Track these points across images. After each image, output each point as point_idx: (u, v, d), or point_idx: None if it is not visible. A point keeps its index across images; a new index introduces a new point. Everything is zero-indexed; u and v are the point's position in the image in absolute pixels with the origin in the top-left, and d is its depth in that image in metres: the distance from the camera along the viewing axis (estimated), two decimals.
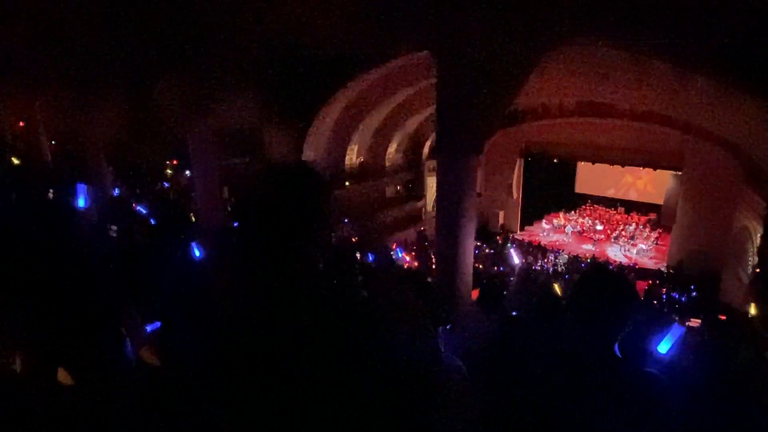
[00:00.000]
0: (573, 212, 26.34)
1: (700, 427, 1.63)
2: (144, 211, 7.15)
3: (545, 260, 19.19)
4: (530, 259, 19.23)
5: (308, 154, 14.60)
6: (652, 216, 24.55)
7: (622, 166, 19.75)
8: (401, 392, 1.21)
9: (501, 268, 16.04)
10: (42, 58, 9.94)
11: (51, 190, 6.02)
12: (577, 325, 1.42)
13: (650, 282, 16.91)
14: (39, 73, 10.30)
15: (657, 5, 6.76)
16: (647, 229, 23.42)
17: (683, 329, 2.76)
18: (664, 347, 2.65)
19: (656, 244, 21.70)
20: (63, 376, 1.73)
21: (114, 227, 5.31)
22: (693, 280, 16.38)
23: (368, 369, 1.14)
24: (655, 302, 13.37)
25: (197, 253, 4.75)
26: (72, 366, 1.75)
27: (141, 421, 1.42)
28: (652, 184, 23.63)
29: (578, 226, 24.23)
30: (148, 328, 2.30)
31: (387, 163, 19.29)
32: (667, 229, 20.72)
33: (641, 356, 2.68)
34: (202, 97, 10.65)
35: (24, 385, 1.58)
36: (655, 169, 19.22)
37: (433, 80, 8.62)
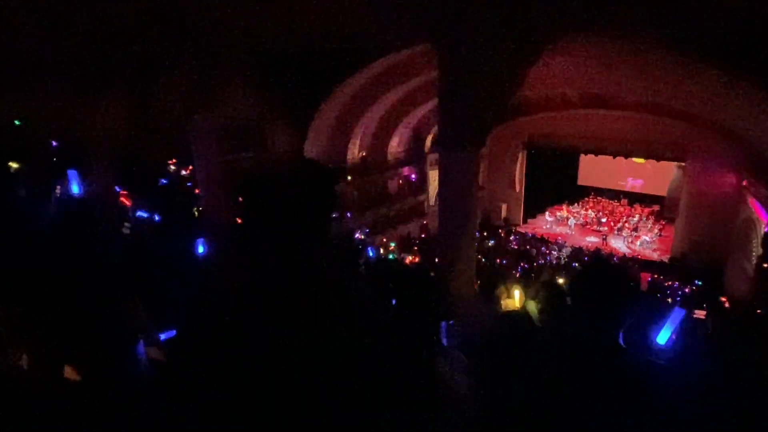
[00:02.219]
0: (576, 204, 26.28)
1: (701, 416, 1.64)
2: (148, 208, 7.14)
3: (548, 252, 19.17)
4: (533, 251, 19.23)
5: (310, 148, 14.59)
6: (656, 208, 24.49)
7: (626, 158, 19.64)
8: (403, 386, 1.21)
9: (504, 261, 16.05)
10: (43, 54, 9.94)
11: (57, 187, 5.99)
12: (579, 316, 1.44)
13: (653, 274, 16.89)
14: (40, 69, 10.30)
15: None
16: (650, 221, 23.36)
17: (683, 312, 2.73)
18: (663, 337, 2.64)
19: (660, 235, 21.64)
20: (70, 372, 1.75)
21: (127, 224, 5.28)
22: (696, 271, 16.33)
23: (370, 365, 1.14)
24: (658, 294, 13.36)
25: (201, 249, 4.76)
26: (79, 362, 1.76)
27: (146, 418, 1.43)
28: (655, 175, 23.52)
29: (581, 219, 24.19)
30: (162, 336, 2.28)
31: (389, 157, 19.23)
32: (671, 221, 20.65)
33: (643, 346, 2.68)
34: (203, 92, 10.65)
35: (31, 381, 1.59)
36: (658, 161, 19.10)
37: (434, 74, 8.57)
